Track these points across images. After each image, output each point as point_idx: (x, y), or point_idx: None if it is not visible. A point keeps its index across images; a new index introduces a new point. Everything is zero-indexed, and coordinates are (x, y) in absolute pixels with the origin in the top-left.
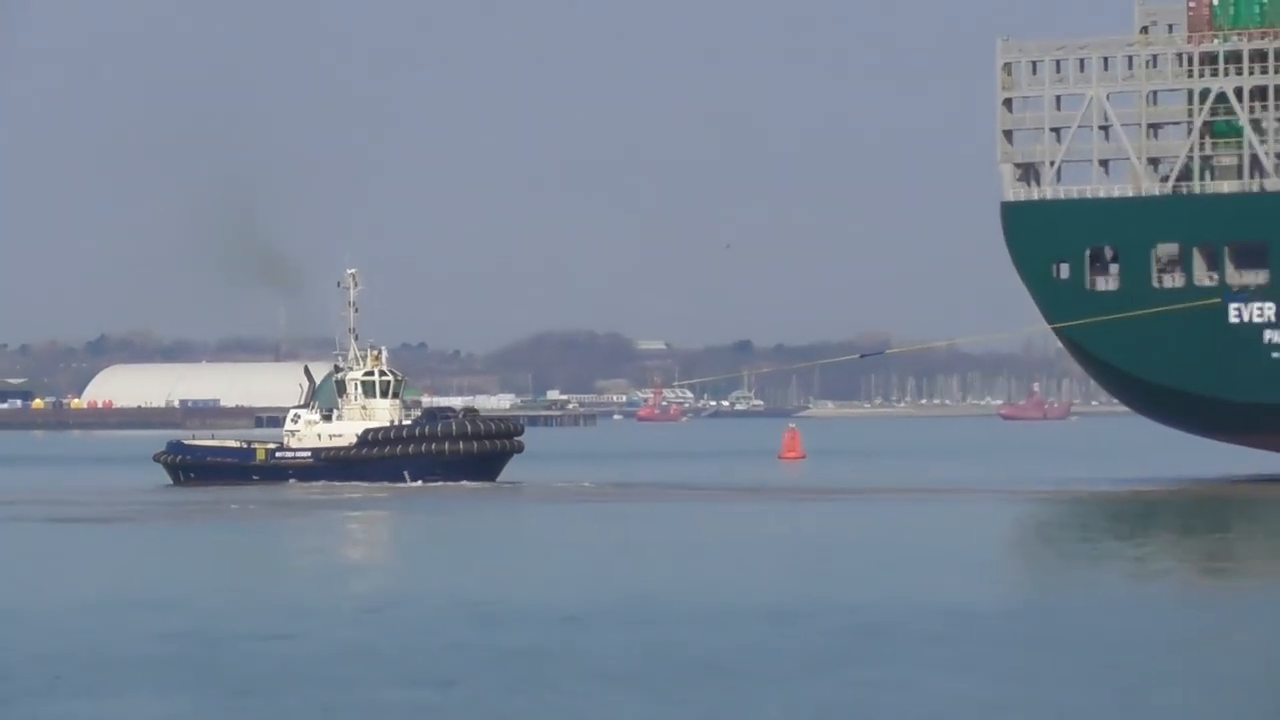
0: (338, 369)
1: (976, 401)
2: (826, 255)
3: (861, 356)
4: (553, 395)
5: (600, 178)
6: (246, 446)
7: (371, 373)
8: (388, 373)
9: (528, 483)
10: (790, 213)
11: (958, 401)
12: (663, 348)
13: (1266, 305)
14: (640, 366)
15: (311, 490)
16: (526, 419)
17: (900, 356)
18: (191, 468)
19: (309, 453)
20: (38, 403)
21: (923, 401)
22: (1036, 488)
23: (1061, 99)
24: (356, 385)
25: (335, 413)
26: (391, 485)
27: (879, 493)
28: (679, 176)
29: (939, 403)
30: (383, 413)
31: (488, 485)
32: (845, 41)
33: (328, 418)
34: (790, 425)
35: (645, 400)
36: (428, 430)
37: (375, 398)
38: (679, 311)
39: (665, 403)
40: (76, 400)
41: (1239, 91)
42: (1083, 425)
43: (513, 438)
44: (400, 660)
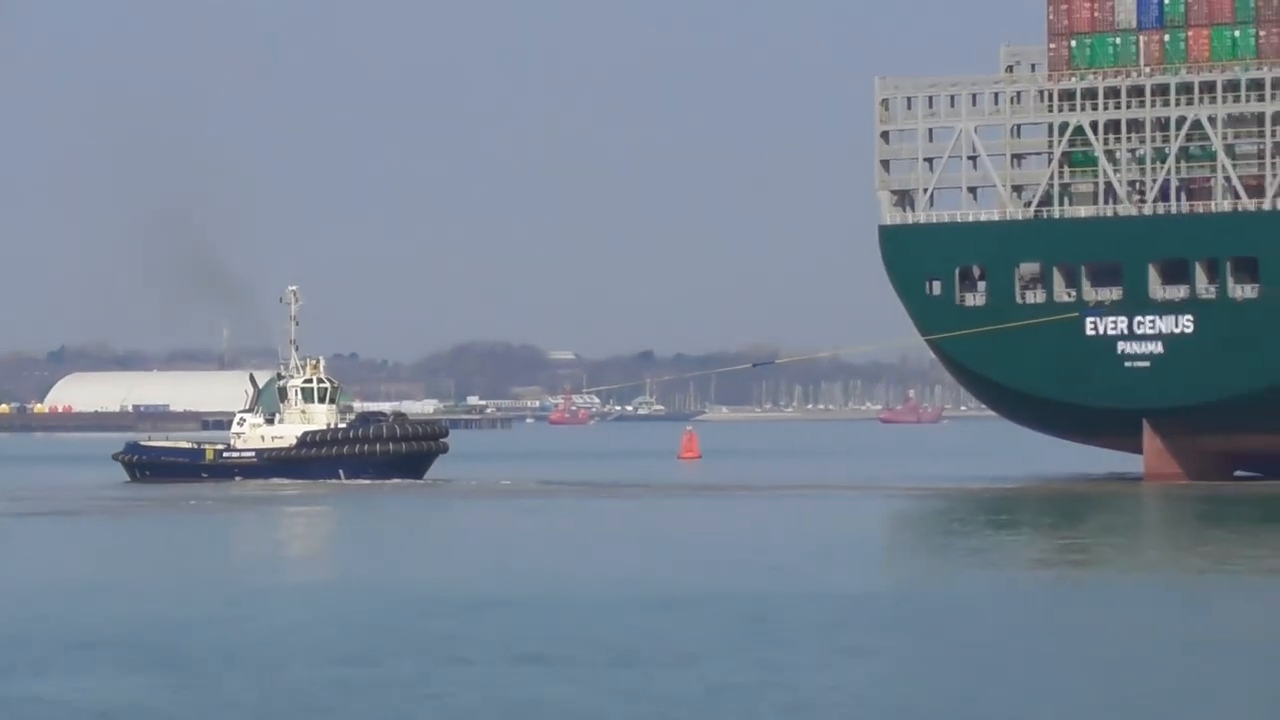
0: (280, 376)
1: (858, 407)
2: (723, 273)
3: (754, 365)
4: (473, 401)
5: (522, 196)
6: (197, 447)
7: (310, 380)
8: (325, 380)
9: (452, 480)
10: (691, 231)
11: (841, 406)
12: (572, 357)
13: (1119, 319)
14: (552, 374)
15: (255, 487)
16: (449, 422)
17: (789, 365)
18: (147, 466)
19: (253, 453)
20: (3, 408)
21: (809, 406)
22: (911, 485)
23: (934, 131)
24: (297, 391)
25: (277, 416)
26: (328, 482)
27: (769, 490)
28: (603, 196)
29: (824, 408)
30: (320, 417)
31: (415, 482)
32: (742, 82)
33: (270, 421)
34: (688, 428)
35: (556, 405)
36: (361, 433)
37: (314, 403)
38: (585, 324)
39: (575, 408)
40: (39, 405)
41: (1094, 125)
42: (953, 428)
43: (438, 439)
44: (332, 643)
